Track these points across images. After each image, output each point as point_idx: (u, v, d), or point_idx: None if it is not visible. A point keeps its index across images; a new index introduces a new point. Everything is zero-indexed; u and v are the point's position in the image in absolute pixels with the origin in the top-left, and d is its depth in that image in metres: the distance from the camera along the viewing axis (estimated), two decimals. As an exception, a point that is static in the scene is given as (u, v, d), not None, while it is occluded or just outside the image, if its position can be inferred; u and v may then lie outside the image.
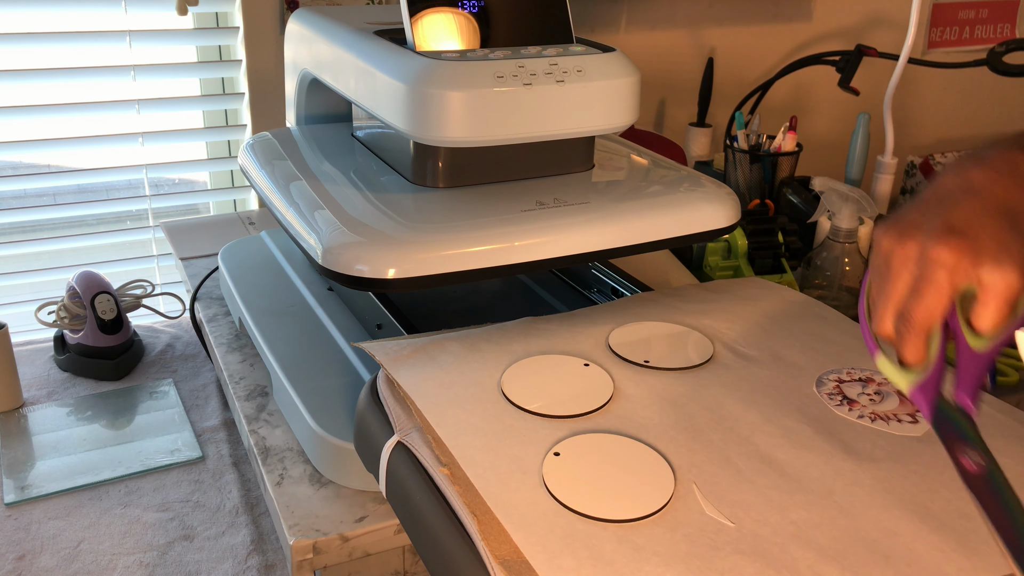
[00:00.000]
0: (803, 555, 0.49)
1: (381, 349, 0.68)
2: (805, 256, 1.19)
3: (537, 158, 0.79)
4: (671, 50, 1.59)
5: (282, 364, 0.81)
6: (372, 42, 0.75)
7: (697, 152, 1.57)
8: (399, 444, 0.60)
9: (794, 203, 1.28)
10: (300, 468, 0.74)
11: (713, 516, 0.52)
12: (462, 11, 0.73)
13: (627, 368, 0.67)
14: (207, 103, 1.36)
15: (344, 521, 0.69)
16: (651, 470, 0.55)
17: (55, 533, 0.80)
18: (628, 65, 0.74)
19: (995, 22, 1.84)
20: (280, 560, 0.79)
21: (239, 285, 0.97)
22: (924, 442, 0.59)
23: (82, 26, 1.23)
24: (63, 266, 1.31)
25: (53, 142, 1.26)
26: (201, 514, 0.83)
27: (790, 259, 1.18)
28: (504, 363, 0.67)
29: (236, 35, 1.31)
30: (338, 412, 0.74)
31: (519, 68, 0.69)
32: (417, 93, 0.68)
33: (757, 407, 0.62)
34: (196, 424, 0.96)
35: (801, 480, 0.55)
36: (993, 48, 1.27)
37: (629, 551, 0.48)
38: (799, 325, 0.75)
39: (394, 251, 0.67)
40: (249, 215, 1.31)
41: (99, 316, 1.04)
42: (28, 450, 0.91)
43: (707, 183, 0.81)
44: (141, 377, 1.05)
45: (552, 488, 0.53)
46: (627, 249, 0.74)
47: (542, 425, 0.59)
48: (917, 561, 0.49)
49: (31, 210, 1.29)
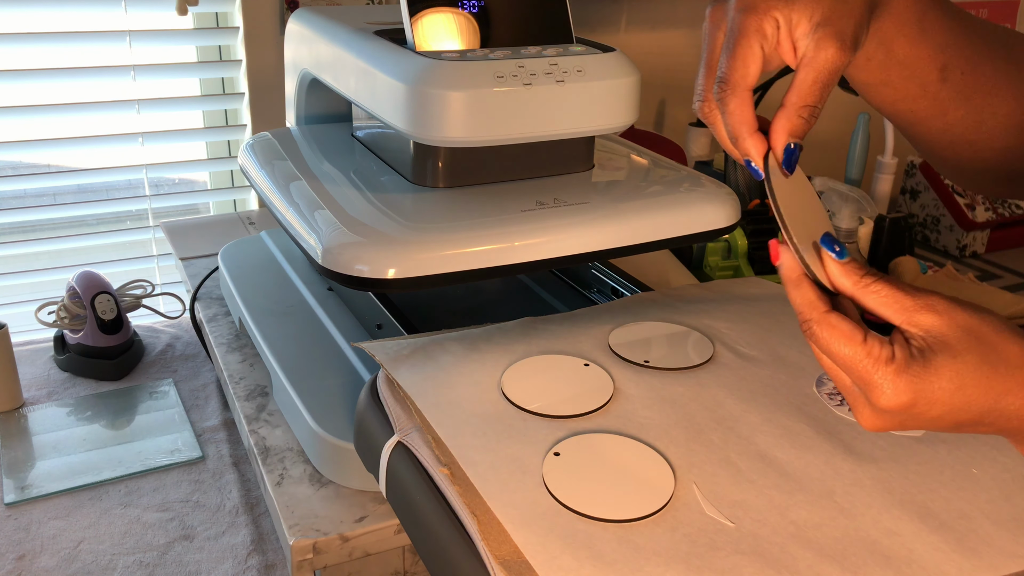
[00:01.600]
0: (803, 555, 0.49)
1: (381, 349, 0.68)
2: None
3: (537, 158, 0.79)
4: (671, 50, 1.59)
5: (282, 364, 0.81)
6: (372, 42, 0.75)
7: (697, 152, 1.57)
8: (399, 444, 0.60)
9: (794, 203, 1.28)
10: (300, 468, 0.74)
11: (713, 516, 0.52)
12: (462, 11, 0.73)
13: (627, 368, 0.67)
14: (207, 103, 1.36)
15: (344, 521, 0.69)
16: (651, 470, 0.55)
17: (55, 533, 0.80)
18: (628, 65, 0.74)
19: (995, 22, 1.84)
20: (280, 560, 0.79)
21: (239, 285, 0.97)
22: (924, 442, 0.59)
23: (82, 26, 1.23)
24: (63, 266, 1.31)
25: (53, 142, 1.26)
26: (201, 514, 0.83)
27: (790, 259, 1.18)
28: (504, 363, 0.67)
29: (236, 35, 1.31)
30: (338, 412, 0.74)
31: (519, 68, 0.69)
32: (417, 93, 0.68)
33: (757, 407, 0.62)
34: (196, 424, 0.96)
35: (801, 480, 0.55)
36: (993, 48, 1.27)
37: (629, 551, 0.48)
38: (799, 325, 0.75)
39: (394, 251, 0.67)
40: (249, 215, 1.31)
41: (99, 316, 1.04)
42: (28, 450, 0.91)
43: (707, 183, 0.81)
44: (141, 377, 1.05)
45: (552, 488, 0.53)
46: (627, 249, 0.74)
47: (542, 425, 0.59)
48: (917, 561, 0.49)
49: (31, 210, 1.29)
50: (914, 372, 0.43)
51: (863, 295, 0.45)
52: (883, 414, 0.45)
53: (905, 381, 0.43)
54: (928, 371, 0.43)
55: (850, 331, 0.44)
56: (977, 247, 1.43)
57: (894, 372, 0.43)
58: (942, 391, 0.43)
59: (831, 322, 0.45)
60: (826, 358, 0.46)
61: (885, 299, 0.45)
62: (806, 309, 0.46)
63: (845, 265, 0.46)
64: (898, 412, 0.44)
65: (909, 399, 0.43)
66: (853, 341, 0.44)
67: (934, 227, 1.45)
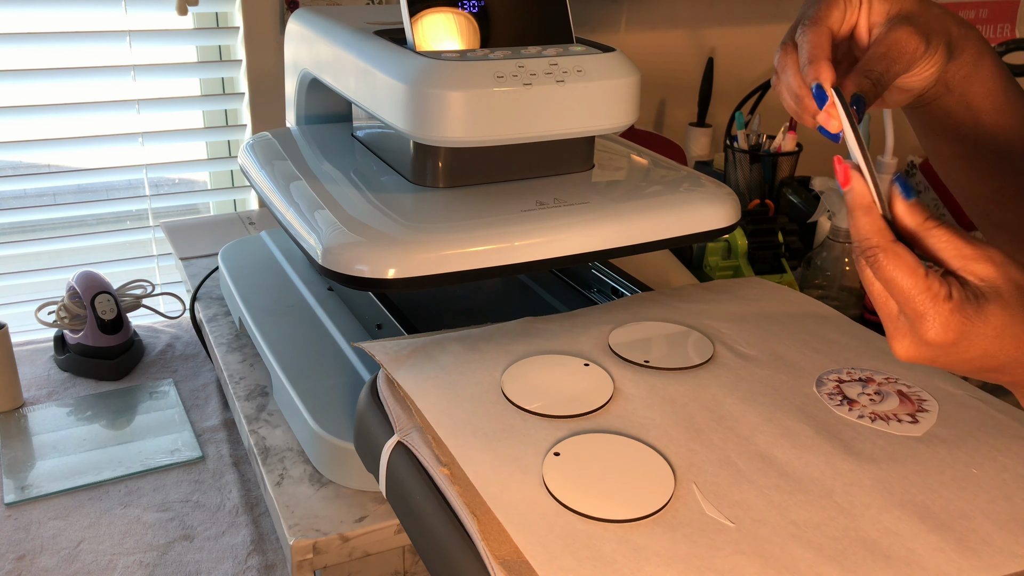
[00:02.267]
0: (803, 555, 0.49)
1: (381, 349, 0.68)
2: (805, 256, 1.19)
3: (537, 158, 0.79)
4: (671, 50, 1.59)
5: (282, 364, 0.81)
6: (372, 42, 0.75)
7: (697, 152, 1.57)
8: (399, 444, 0.60)
9: (794, 203, 1.28)
10: (300, 468, 0.74)
11: (713, 516, 0.52)
12: (462, 11, 0.73)
13: (627, 368, 0.67)
14: (207, 103, 1.36)
15: (344, 521, 0.69)
16: (651, 470, 0.55)
17: (55, 533, 0.80)
18: (628, 65, 0.74)
19: (995, 22, 1.84)
20: (280, 560, 0.79)
21: (239, 285, 0.97)
22: (924, 442, 0.59)
23: (82, 26, 1.23)
24: (63, 266, 1.31)
25: (53, 142, 1.26)
26: (201, 514, 0.83)
27: (790, 259, 1.18)
28: (504, 363, 0.67)
29: (236, 35, 1.31)
30: (338, 412, 0.74)
31: (519, 68, 0.69)
32: (417, 93, 0.68)
33: (757, 407, 0.62)
34: (196, 424, 0.96)
35: (801, 480, 0.55)
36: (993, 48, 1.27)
37: (629, 551, 0.48)
38: (799, 325, 0.75)
39: (394, 251, 0.67)
40: (249, 215, 1.31)
41: (99, 316, 1.04)
42: (28, 450, 0.91)
43: (707, 183, 0.81)
44: (141, 377, 1.05)
45: (552, 488, 0.53)
46: (627, 249, 0.74)
47: (542, 425, 0.59)
48: (917, 561, 0.49)
49: (31, 210, 1.29)
50: (967, 313, 0.45)
51: (926, 236, 0.47)
52: (924, 346, 0.46)
53: (958, 320, 0.45)
54: (980, 315, 0.45)
55: (914, 263, 0.46)
56: (977, 247, 1.43)
57: (949, 310, 0.45)
58: (985, 337, 0.45)
59: (897, 252, 0.46)
60: (878, 285, 0.47)
61: (946, 244, 0.46)
62: (875, 235, 0.47)
63: (912, 205, 0.47)
64: (939, 347, 0.46)
65: (955, 336, 0.45)
66: (916, 274, 0.45)
67: (934, 227, 1.45)
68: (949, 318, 0.45)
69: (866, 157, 0.47)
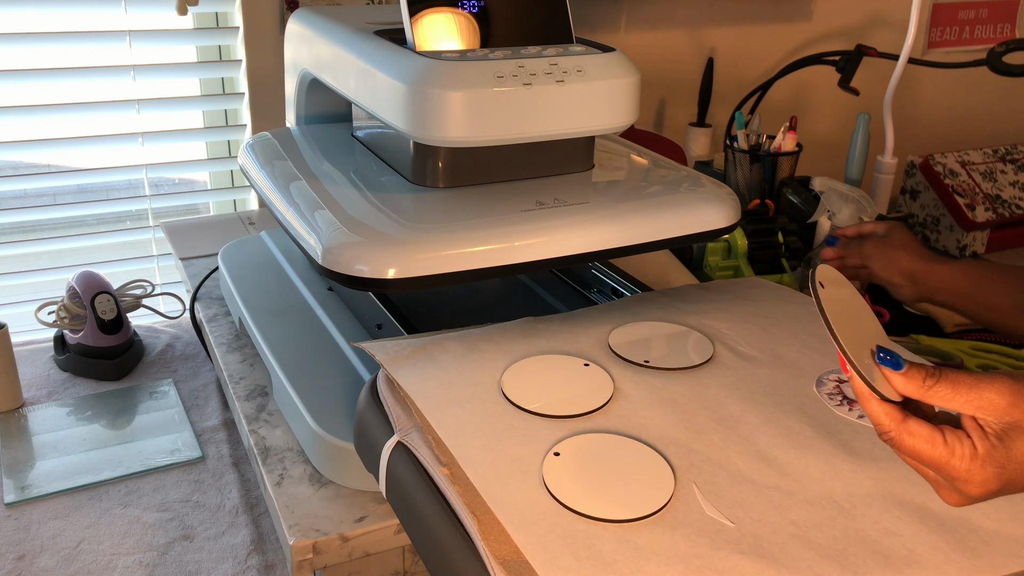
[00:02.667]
0: (803, 555, 0.49)
1: (381, 349, 0.68)
2: (805, 256, 1.19)
3: (537, 158, 0.79)
4: (671, 50, 1.59)
5: (282, 364, 0.81)
6: (372, 42, 0.75)
7: (697, 152, 1.57)
8: (399, 444, 0.60)
9: (794, 203, 1.28)
10: (300, 468, 0.74)
11: (713, 516, 0.52)
12: (462, 11, 0.73)
13: (627, 368, 0.67)
14: (207, 103, 1.36)
15: (344, 521, 0.69)
16: (651, 470, 0.55)
17: (55, 533, 0.80)
18: (628, 65, 0.74)
19: (995, 22, 1.84)
20: (280, 560, 0.79)
21: (239, 285, 0.97)
22: (924, 442, 0.59)
23: (82, 26, 1.23)
24: (63, 266, 1.31)
25: (53, 142, 1.26)
26: (201, 514, 0.83)
27: (790, 259, 1.18)
28: (504, 363, 0.67)
29: (236, 35, 1.31)
30: (338, 412, 0.74)
31: (519, 68, 0.69)
32: (417, 93, 0.68)
33: (757, 407, 0.62)
34: (196, 424, 0.96)
35: (801, 480, 0.55)
36: (993, 48, 1.27)
37: (629, 551, 0.48)
38: (799, 325, 0.75)
39: (394, 251, 0.67)
40: (249, 215, 1.31)
41: (99, 316, 1.04)
42: (28, 450, 0.91)
43: (707, 183, 0.81)
44: (141, 377, 1.05)
45: (552, 488, 0.53)
46: (627, 249, 0.74)
47: (542, 425, 0.59)
48: (917, 561, 0.49)
49: (31, 210, 1.29)
50: (999, 461, 0.46)
51: (930, 397, 0.47)
52: (974, 498, 0.47)
53: (992, 471, 0.46)
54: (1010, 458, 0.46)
55: (930, 435, 0.47)
56: (977, 247, 1.43)
57: (980, 465, 0.46)
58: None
59: (910, 430, 0.47)
60: (908, 457, 0.49)
61: (952, 396, 0.47)
62: (884, 421, 0.48)
63: (906, 374, 0.48)
64: (990, 494, 0.47)
65: (998, 485, 0.46)
66: (935, 443, 0.47)
67: (934, 227, 1.45)
68: (983, 471, 0.46)
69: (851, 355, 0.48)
